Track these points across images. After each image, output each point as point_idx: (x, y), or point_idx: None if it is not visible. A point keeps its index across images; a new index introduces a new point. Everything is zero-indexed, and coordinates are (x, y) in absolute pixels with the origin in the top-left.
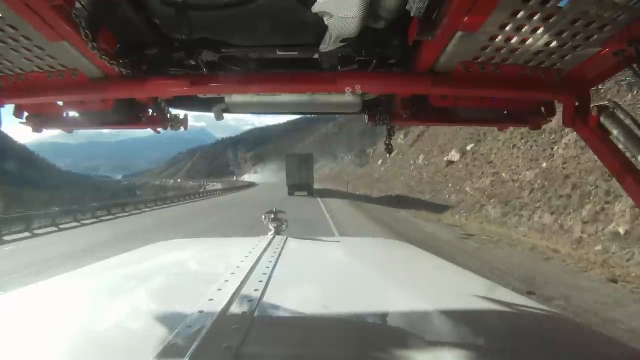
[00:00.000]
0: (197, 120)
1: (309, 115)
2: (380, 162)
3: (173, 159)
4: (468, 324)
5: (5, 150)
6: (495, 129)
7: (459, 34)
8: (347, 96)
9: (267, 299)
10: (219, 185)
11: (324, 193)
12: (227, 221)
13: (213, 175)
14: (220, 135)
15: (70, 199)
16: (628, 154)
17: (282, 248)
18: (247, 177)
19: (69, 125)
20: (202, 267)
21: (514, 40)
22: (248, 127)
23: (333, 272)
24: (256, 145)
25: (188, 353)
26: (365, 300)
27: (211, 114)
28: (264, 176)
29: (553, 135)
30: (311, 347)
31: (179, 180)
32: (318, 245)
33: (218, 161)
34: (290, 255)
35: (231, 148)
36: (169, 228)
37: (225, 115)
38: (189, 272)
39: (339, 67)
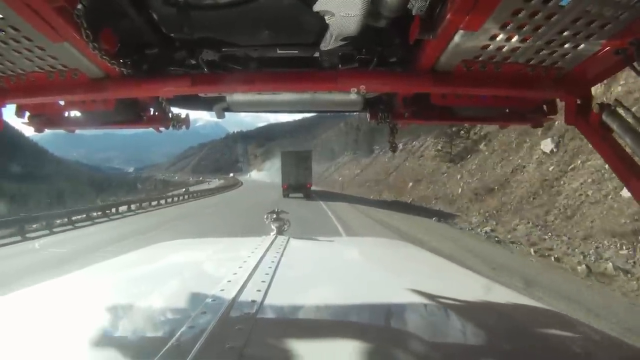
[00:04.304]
0: (212, 115)
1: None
2: (552, 145)
3: (183, 153)
4: (470, 324)
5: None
6: None
7: (460, 33)
8: (349, 94)
9: (270, 299)
10: (211, 185)
11: None
12: None
13: (220, 171)
14: (234, 131)
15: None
16: (630, 152)
17: (285, 248)
18: (254, 175)
19: (70, 125)
20: (204, 268)
21: (515, 39)
22: (263, 124)
23: (336, 272)
24: (268, 140)
25: (191, 354)
26: (369, 300)
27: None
28: (270, 174)
29: None
30: (315, 348)
31: (176, 177)
32: (321, 245)
33: (227, 156)
34: (293, 256)
35: (241, 143)
36: None
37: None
38: (192, 272)
39: (340, 66)
